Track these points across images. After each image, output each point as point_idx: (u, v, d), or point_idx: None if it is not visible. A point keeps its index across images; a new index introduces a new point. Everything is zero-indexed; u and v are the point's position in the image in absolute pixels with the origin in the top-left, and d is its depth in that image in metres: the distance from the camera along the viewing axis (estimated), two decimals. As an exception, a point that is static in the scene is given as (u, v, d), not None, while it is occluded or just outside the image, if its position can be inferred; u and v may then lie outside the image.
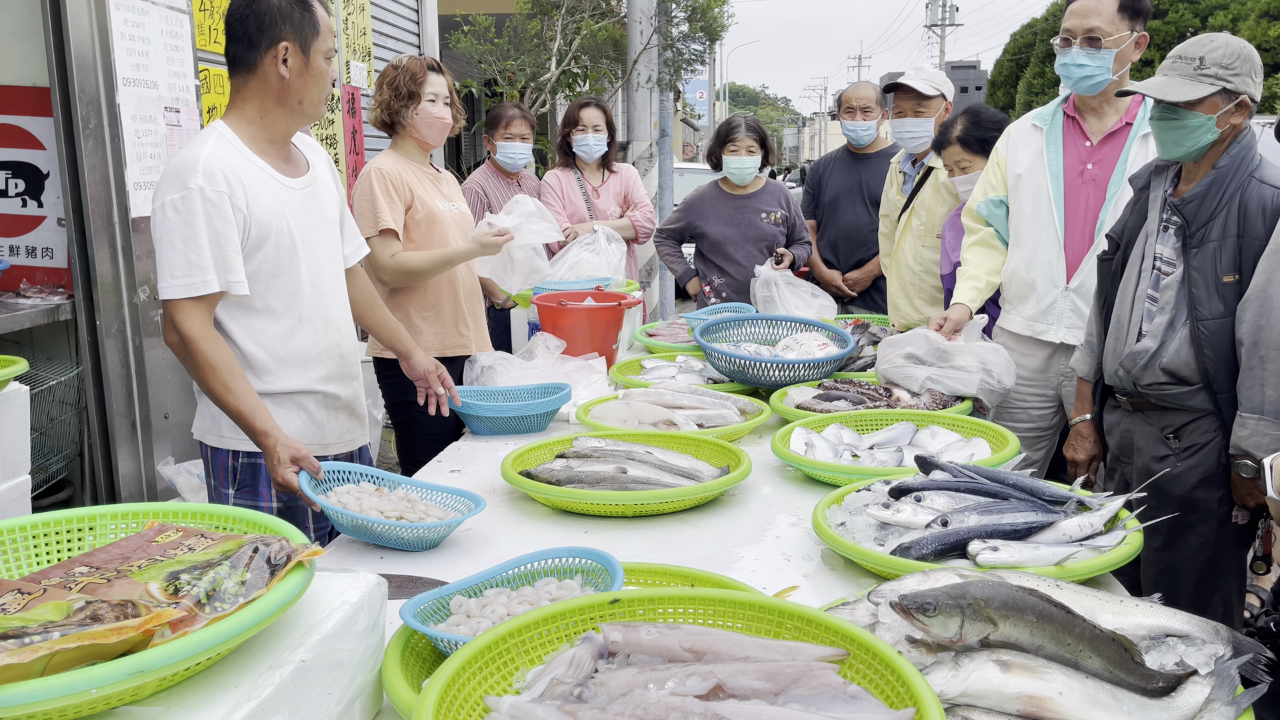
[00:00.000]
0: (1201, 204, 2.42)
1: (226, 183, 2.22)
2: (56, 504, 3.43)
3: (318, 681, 1.16)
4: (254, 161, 2.31)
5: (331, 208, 2.53)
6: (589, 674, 1.18)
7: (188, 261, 2.17)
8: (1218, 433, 2.44)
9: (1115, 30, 2.90)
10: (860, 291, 4.81)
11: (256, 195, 2.28)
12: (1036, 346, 3.15)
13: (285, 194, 2.36)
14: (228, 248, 2.22)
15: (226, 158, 2.25)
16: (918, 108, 4.09)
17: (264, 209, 2.29)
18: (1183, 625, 1.38)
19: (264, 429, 2.14)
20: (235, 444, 2.37)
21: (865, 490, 2.00)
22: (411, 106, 3.38)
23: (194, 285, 2.18)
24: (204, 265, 2.19)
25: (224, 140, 2.29)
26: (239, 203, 2.24)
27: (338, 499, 2.02)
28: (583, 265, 4.32)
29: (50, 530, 1.34)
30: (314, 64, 2.31)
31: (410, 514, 1.99)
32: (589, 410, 2.81)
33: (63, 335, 3.47)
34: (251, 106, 2.33)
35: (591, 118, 4.75)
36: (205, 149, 2.24)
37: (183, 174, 2.20)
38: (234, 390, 2.17)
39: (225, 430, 2.37)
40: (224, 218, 2.21)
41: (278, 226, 2.32)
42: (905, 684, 1.12)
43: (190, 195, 2.18)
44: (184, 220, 2.18)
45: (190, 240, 2.17)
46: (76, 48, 3.24)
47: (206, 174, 2.19)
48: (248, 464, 2.40)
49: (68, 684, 0.94)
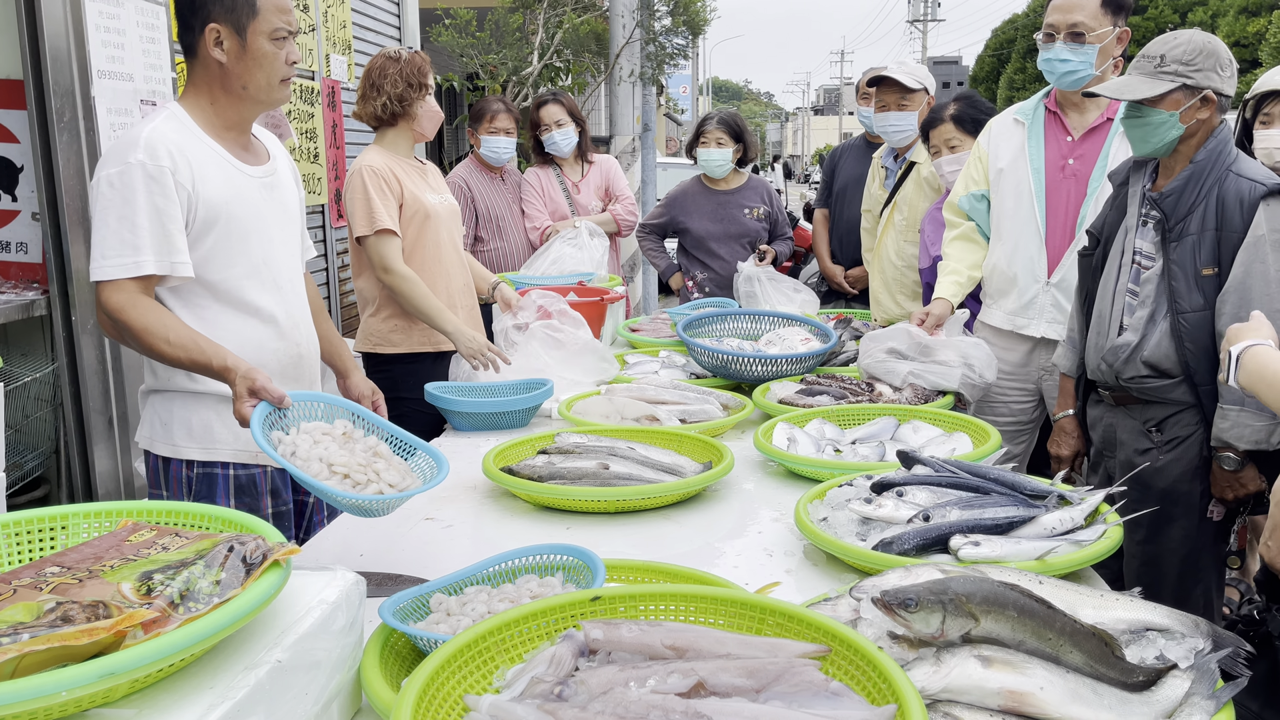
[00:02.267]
0: (1180, 198, 2.43)
1: (170, 158, 2.08)
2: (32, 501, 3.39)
3: (294, 682, 1.15)
4: (206, 143, 2.19)
5: (293, 204, 2.42)
6: (570, 672, 1.17)
7: (120, 240, 2.03)
8: (1199, 426, 2.46)
9: (1098, 25, 2.91)
10: (861, 289, 4.64)
11: (205, 175, 2.14)
12: (1017, 341, 3.16)
13: (241, 179, 2.23)
14: (170, 226, 2.07)
15: (173, 134, 2.12)
16: (901, 101, 4.08)
17: (213, 190, 2.15)
18: (1162, 619, 1.39)
19: (223, 365, 1.95)
20: (189, 451, 2.23)
21: (847, 485, 1.99)
22: (421, 96, 3.37)
23: (125, 266, 2.03)
24: (139, 245, 2.03)
25: (174, 119, 2.16)
26: (183, 179, 2.09)
27: (294, 438, 1.81)
28: (565, 260, 4.30)
29: (22, 529, 1.32)
30: (253, 46, 2.16)
31: (362, 473, 1.77)
32: (571, 406, 2.80)
33: (38, 331, 3.42)
34: (201, 92, 2.21)
35: (552, 114, 4.71)
36: (150, 125, 2.11)
37: (123, 149, 2.07)
38: (176, 342, 2.00)
39: (177, 437, 2.23)
40: (166, 194, 2.06)
41: (230, 211, 2.18)
42: (887, 680, 1.11)
43: (129, 170, 2.04)
44: (120, 197, 2.03)
45: (125, 218, 2.03)
46: (51, 40, 3.20)
47: (148, 148, 2.06)
48: (204, 474, 2.25)
49: (37, 686, 0.92)
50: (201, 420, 2.22)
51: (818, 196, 5.03)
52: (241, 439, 2.22)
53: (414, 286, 3.28)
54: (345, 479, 1.74)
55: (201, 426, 2.22)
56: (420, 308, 3.28)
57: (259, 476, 2.30)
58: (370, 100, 3.39)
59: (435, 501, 2.26)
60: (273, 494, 2.34)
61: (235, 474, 2.27)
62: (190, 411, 2.22)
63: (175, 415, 2.22)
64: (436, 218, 3.39)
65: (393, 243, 3.27)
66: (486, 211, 4.56)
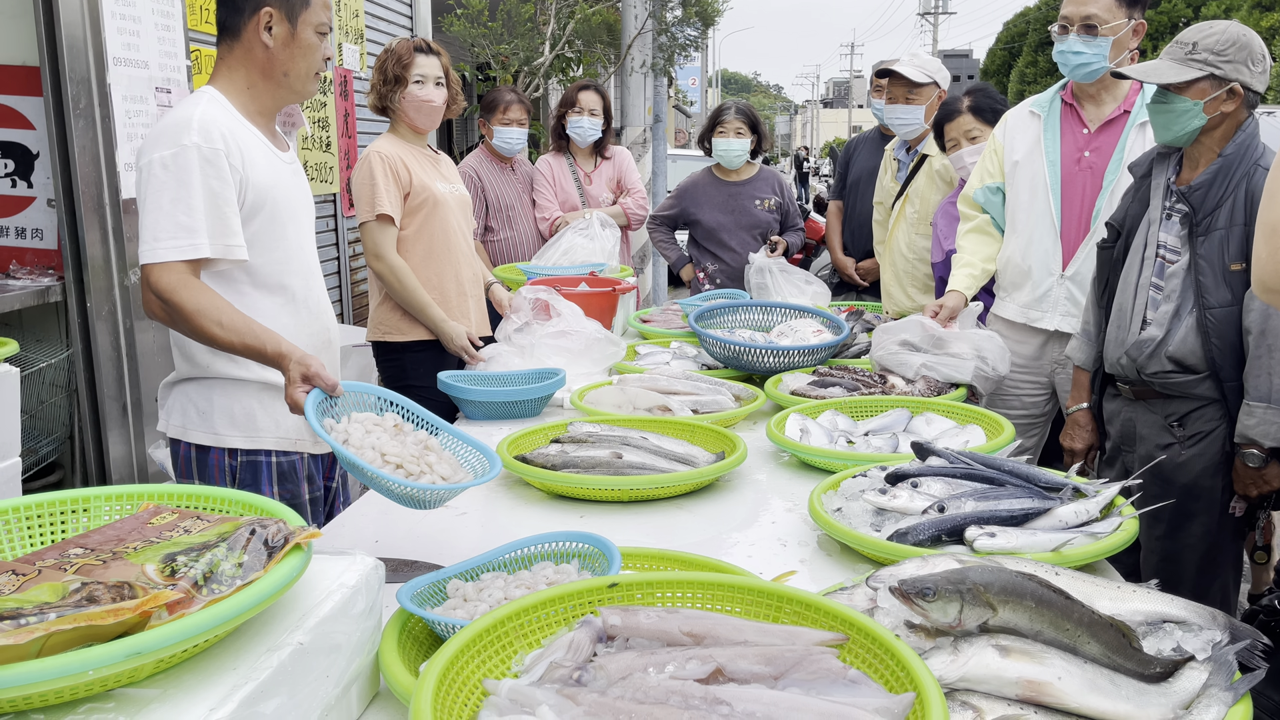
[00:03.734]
0: (1208, 192, 2.42)
1: (224, 141, 2.07)
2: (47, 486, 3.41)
3: (315, 664, 1.15)
4: (248, 127, 2.19)
5: (308, 192, 2.43)
6: (588, 657, 1.18)
7: (175, 223, 2.00)
8: (1223, 421, 2.45)
9: (1112, 18, 2.90)
10: (872, 281, 4.63)
11: (253, 160, 2.15)
12: (1031, 334, 3.16)
13: (279, 164, 2.25)
14: (226, 209, 2.06)
15: (222, 117, 2.12)
16: (908, 94, 4.07)
17: (260, 175, 2.16)
18: (1180, 611, 1.39)
19: (277, 350, 1.92)
20: (232, 440, 2.22)
21: (861, 476, 1.99)
22: (398, 91, 3.34)
23: (180, 249, 2.00)
24: (194, 227, 2.01)
25: (216, 103, 2.15)
26: (235, 163, 2.09)
27: (345, 427, 1.78)
28: (576, 251, 4.30)
29: (44, 511, 1.32)
30: (301, 36, 2.18)
31: (415, 464, 1.74)
32: (583, 395, 2.80)
33: (53, 317, 3.44)
34: (239, 76, 2.20)
35: (589, 101, 4.72)
36: (199, 108, 2.09)
37: (175, 131, 2.05)
38: (229, 325, 1.97)
39: (219, 425, 2.21)
40: (221, 177, 2.05)
41: (273, 196, 2.19)
42: (905, 668, 1.12)
43: (184, 152, 2.02)
44: (175, 179, 2.01)
45: (180, 200, 2.01)
46: (67, 27, 3.21)
47: (203, 130, 2.05)
48: (248, 462, 2.24)
49: (64, 665, 0.93)
50: (244, 408, 2.22)
51: (832, 188, 5.02)
52: (283, 426, 2.25)
53: (403, 276, 3.28)
54: (398, 469, 1.71)
55: (244, 414, 2.22)
56: (407, 299, 3.30)
57: (298, 463, 2.33)
58: (375, 91, 3.40)
59: (449, 489, 2.26)
60: (308, 479, 2.38)
61: (278, 461, 2.29)
62: (232, 400, 2.21)
63: (215, 403, 2.21)
64: (446, 206, 3.39)
65: (388, 231, 3.27)
66: (497, 201, 4.56)
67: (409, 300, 3.30)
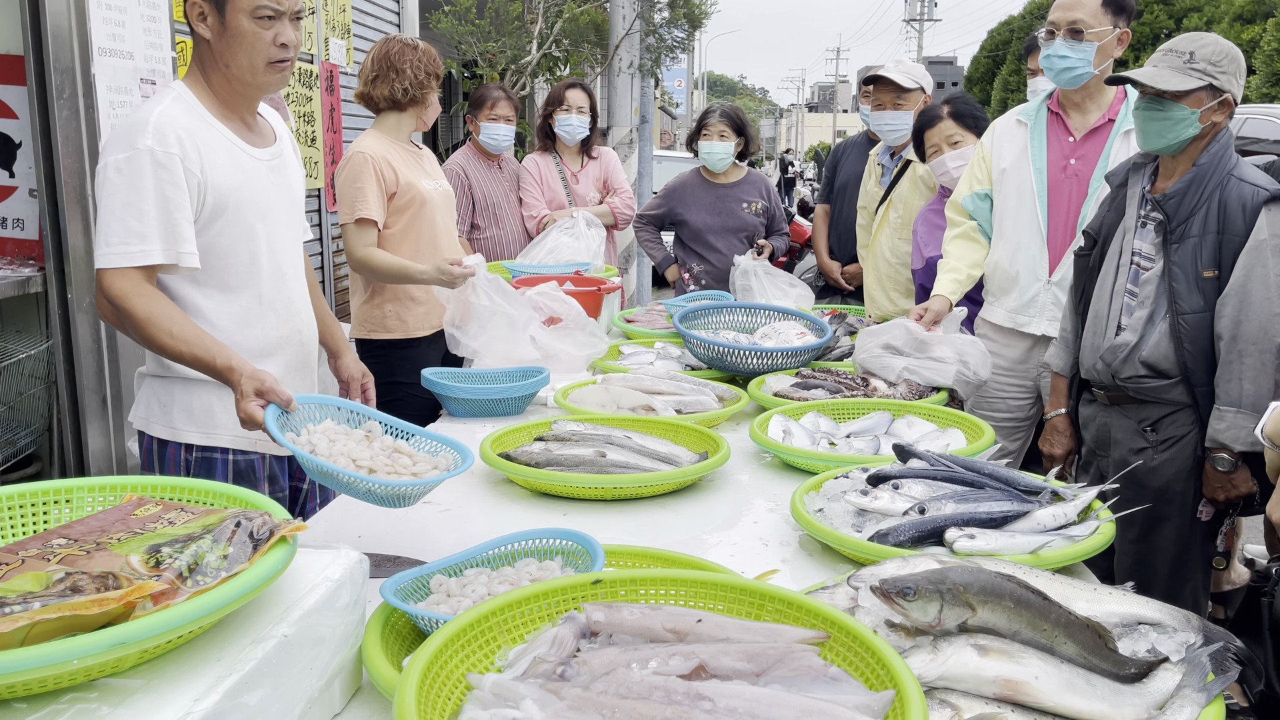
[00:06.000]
0: (1182, 200, 2.45)
1: (180, 145, 2.04)
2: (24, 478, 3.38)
3: (299, 657, 1.15)
4: (215, 126, 2.15)
5: (297, 185, 2.39)
6: (571, 653, 1.18)
7: (126, 228, 1.99)
8: (1195, 426, 2.48)
9: (1098, 24, 2.94)
10: (857, 285, 4.63)
11: (215, 161, 2.11)
12: (1018, 338, 3.20)
13: (249, 163, 2.20)
14: (177, 215, 2.04)
15: (183, 118, 2.08)
16: (896, 100, 4.10)
17: (223, 177, 2.12)
18: (1154, 613, 1.41)
19: (227, 365, 1.91)
20: (188, 435, 2.20)
21: (843, 477, 2.01)
22: (434, 88, 3.42)
23: (131, 255, 1.99)
24: (146, 233, 2.00)
25: (181, 101, 2.12)
26: (193, 166, 2.06)
27: (309, 439, 1.77)
28: (561, 249, 4.31)
29: (26, 502, 1.32)
30: (233, 24, 2.09)
31: (387, 468, 1.75)
32: (567, 394, 2.81)
33: (33, 308, 3.41)
34: (197, 71, 2.17)
35: (576, 99, 4.72)
36: (159, 108, 2.06)
37: (131, 133, 2.02)
38: (180, 336, 1.96)
39: (177, 419, 2.20)
40: (175, 182, 2.03)
41: (238, 198, 2.15)
42: (885, 666, 1.13)
43: (137, 156, 2.00)
44: (128, 183, 2.00)
45: (131, 205, 1.99)
46: (52, 16, 3.18)
47: (158, 134, 2.02)
48: (202, 458, 2.23)
49: (48, 654, 0.93)
50: (202, 404, 2.21)
51: (819, 192, 5.04)
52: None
53: (376, 257, 3.26)
54: (371, 473, 1.71)
55: (202, 410, 2.21)
56: (390, 272, 3.25)
57: (258, 462, 2.30)
58: (389, 82, 3.37)
59: (432, 485, 2.27)
60: (270, 480, 2.35)
61: (235, 459, 2.26)
62: (191, 395, 2.20)
63: (175, 398, 2.21)
64: (431, 204, 3.39)
65: (368, 233, 3.27)
66: (483, 199, 4.56)
67: (388, 273, 3.26)
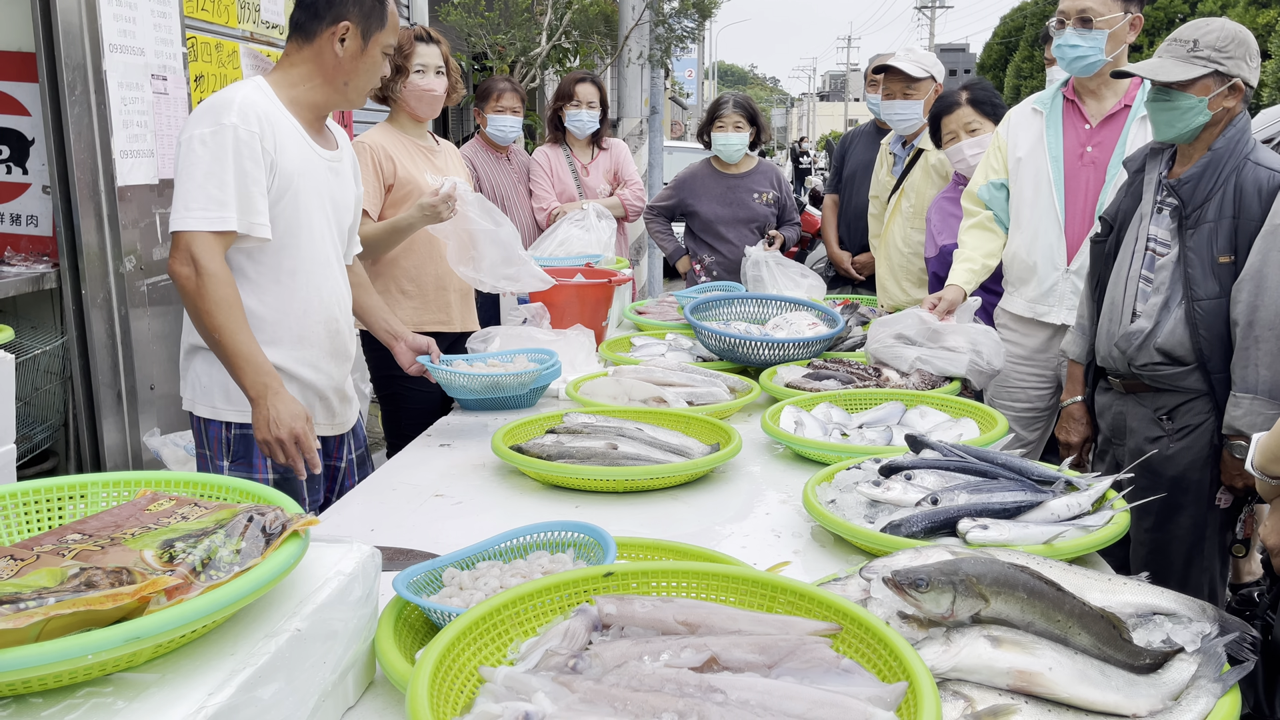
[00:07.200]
0: (1198, 185, 2.43)
1: (259, 124, 2.19)
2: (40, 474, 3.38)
3: (313, 650, 1.16)
4: (287, 116, 2.30)
5: (349, 196, 2.52)
6: (584, 646, 1.19)
7: (207, 195, 2.13)
8: (1211, 414, 2.46)
9: (1108, 11, 2.92)
10: (868, 275, 4.63)
11: (285, 146, 2.26)
12: (1038, 328, 3.18)
13: (312, 156, 2.35)
14: (253, 189, 2.18)
15: (263, 103, 2.24)
16: (906, 89, 4.08)
17: (290, 161, 2.26)
18: (1170, 604, 1.40)
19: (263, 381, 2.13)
20: (228, 414, 2.32)
21: (855, 468, 2.00)
22: (399, 80, 3.32)
23: (210, 219, 2.12)
24: (225, 201, 2.13)
25: (261, 90, 2.28)
26: (269, 146, 2.21)
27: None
28: (572, 242, 4.30)
29: (41, 497, 1.33)
30: (370, 53, 2.33)
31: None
32: (579, 386, 2.81)
33: (47, 304, 3.43)
34: (298, 73, 2.33)
35: (586, 93, 4.70)
36: (241, 91, 2.23)
37: (216, 110, 2.18)
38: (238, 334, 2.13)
39: (217, 400, 2.32)
40: (254, 158, 2.17)
41: (299, 184, 2.29)
42: (898, 658, 1.13)
43: (222, 131, 2.15)
44: (211, 155, 2.14)
45: (214, 175, 2.13)
46: (63, 13, 3.19)
47: (241, 113, 2.17)
48: (240, 435, 2.33)
49: (64, 649, 0.93)
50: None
51: (828, 182, 5.02)
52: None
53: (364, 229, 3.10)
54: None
55: (239, 390, 2.24)
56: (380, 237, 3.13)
57: None
58: None
59: (444, 478, 2.27)
60: None
61: None
62: (228, 375, 2.25)
63: (215, 378, 2.30)
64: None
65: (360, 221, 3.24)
66: (492, 191, 4.55)
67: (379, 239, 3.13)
